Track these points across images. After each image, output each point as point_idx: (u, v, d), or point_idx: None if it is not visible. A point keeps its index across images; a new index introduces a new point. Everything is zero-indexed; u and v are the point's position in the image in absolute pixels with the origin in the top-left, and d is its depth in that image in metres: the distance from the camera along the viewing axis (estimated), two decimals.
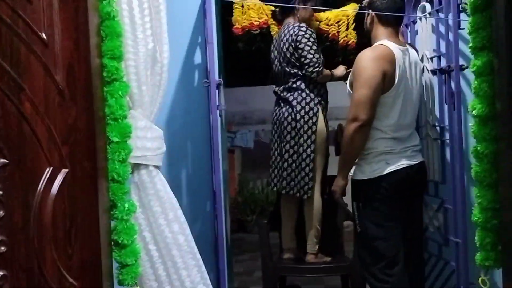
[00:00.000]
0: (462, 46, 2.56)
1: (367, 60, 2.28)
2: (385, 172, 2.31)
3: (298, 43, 2.82)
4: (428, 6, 2.82)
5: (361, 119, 2.22)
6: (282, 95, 2.96)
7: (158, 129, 2.06)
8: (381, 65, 2.23)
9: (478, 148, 1.67)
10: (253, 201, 5.53)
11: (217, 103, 2.66)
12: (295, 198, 3.07)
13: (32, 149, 1.46)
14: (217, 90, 2.62)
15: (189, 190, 2.96)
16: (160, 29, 2.00)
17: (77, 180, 1.56)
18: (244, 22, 3.18)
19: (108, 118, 1.81)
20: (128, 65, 1.92)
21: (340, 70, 3.06)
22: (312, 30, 2.93)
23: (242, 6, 3.17)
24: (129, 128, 1.86)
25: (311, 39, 2.84)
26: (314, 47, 2.84)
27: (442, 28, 2.77)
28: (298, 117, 2.87)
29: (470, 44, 1.71)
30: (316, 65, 2.81)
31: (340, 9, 3.27)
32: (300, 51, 2.82)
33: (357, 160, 2.40)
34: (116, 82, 1.81)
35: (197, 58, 3.11)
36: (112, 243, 1.80)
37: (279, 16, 3.01)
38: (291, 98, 2.90)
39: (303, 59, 2.83)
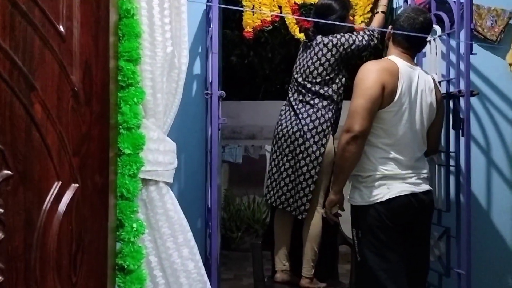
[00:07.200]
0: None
1: (367, 71, 2.15)
2: (385, 198, 2.14)
3: (345, 48, 2.68)
4: (438, 29, 2.69)
5: (355, 130, 2.06)
6: (295, 106, 2.77)
7: (172, 142, 1.85)
8: (381, 77, 2.10)
9: None
10: (239, 217, 5.30)
11: (218, 116, 2.48)
12: (291, 217, 2.89)
13: (41, 160, 1.25)
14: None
15: (180, 206, 2.77)
16: (180, 32, 1.80)
17: (87, 197, 1.35)
18: (255, 22, 3.00)
19: (120, 127, 1.61)
20: (143, 69, 1.71)
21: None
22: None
23: (253, 7, 2.95)
24: (142, 139, 1.66)
25: (347, 36, 2.72)
26: (353, 37, 2.71)
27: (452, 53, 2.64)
28: (308, 135, 2.68)
29: None
30: (371, 40, 2.73)
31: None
32: (352, 49, 2.69)
33: (356, 183, 2.24)
34: (132, 87, 1.62)
35: (196, 69, 2.93)
36: (116, 267, 1.59)
37: (312, 35, 2.81)
38: (305, 115, 2.71)
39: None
